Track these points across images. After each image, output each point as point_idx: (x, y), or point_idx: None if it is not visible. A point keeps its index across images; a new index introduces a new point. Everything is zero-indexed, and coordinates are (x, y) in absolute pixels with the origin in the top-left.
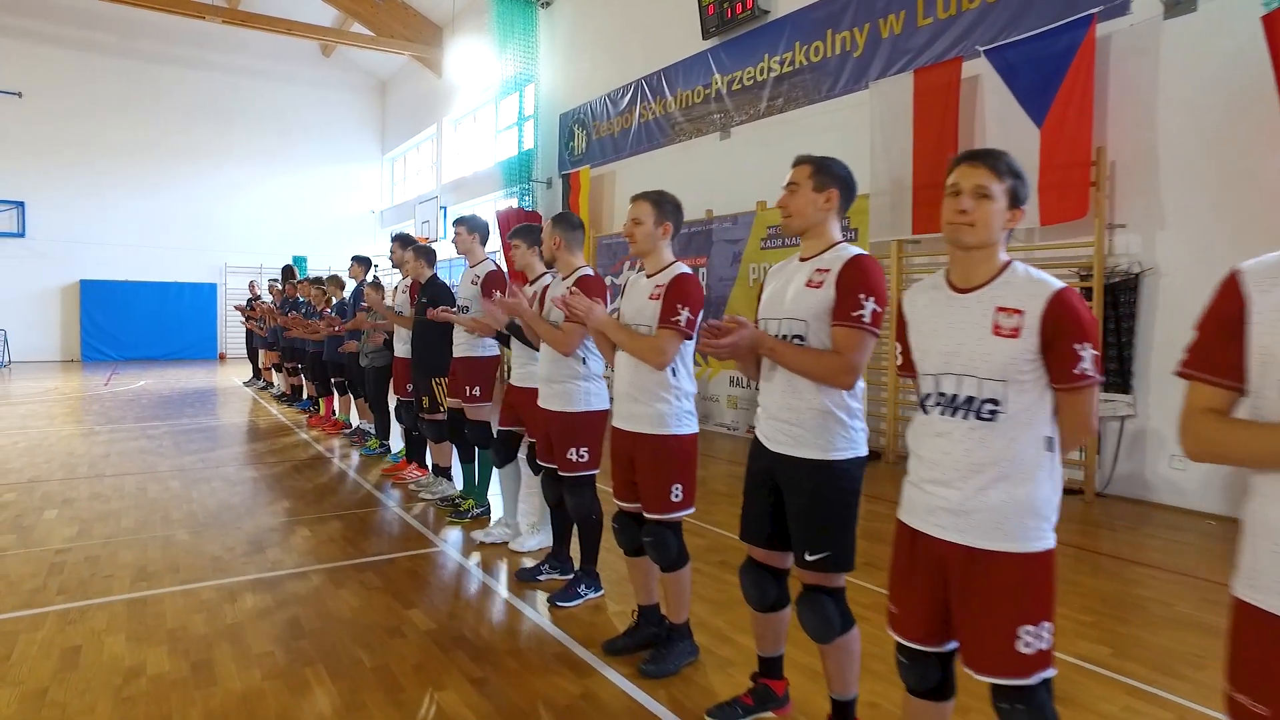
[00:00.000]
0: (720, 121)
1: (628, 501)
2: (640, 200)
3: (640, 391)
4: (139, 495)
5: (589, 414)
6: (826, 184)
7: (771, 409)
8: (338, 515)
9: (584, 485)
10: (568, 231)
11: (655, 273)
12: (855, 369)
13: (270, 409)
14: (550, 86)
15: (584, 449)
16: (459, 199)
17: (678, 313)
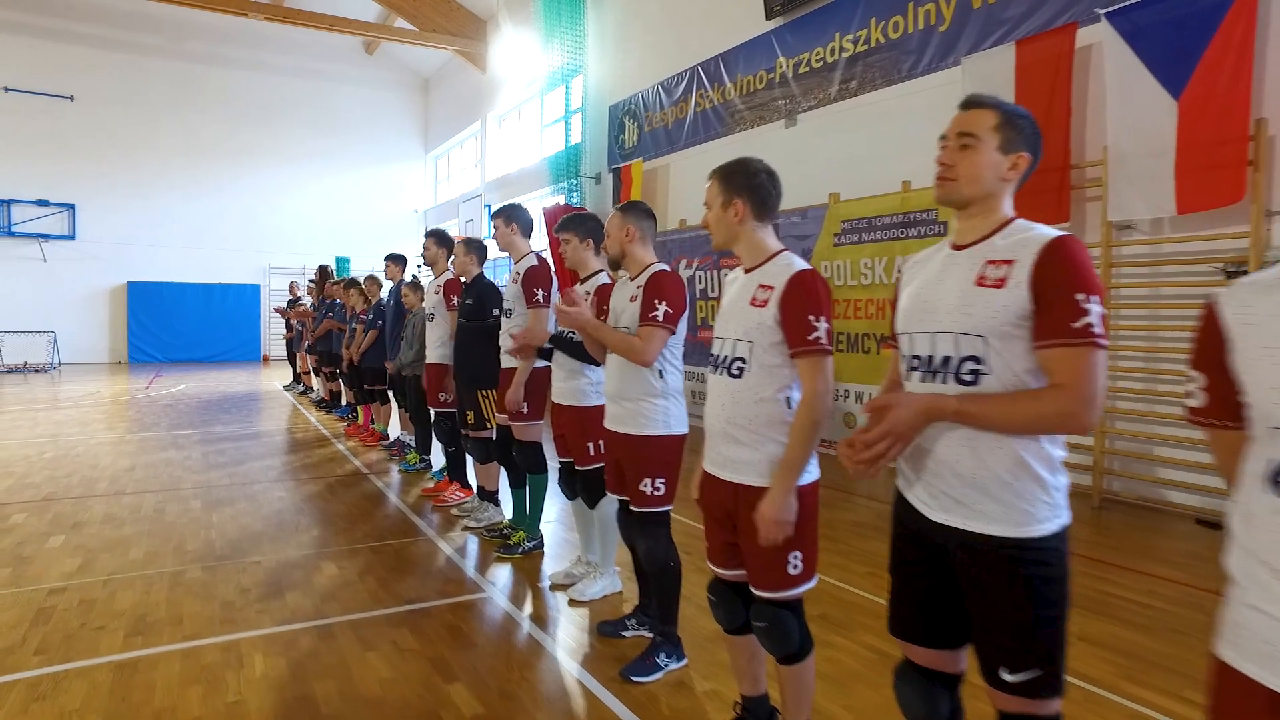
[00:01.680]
0: (785, 108)
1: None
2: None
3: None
4: (155, 519)
5: (668, 439)
6: (1015, 144)
7: (932, 465)
8: (370, 547)
9: (658, 524)
10: (641, 221)
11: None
12: (1092, 402)
13: (308, 416)
14: (599, 77)
15: (660, 480)
16: (503, 197)
17: (655, 308)
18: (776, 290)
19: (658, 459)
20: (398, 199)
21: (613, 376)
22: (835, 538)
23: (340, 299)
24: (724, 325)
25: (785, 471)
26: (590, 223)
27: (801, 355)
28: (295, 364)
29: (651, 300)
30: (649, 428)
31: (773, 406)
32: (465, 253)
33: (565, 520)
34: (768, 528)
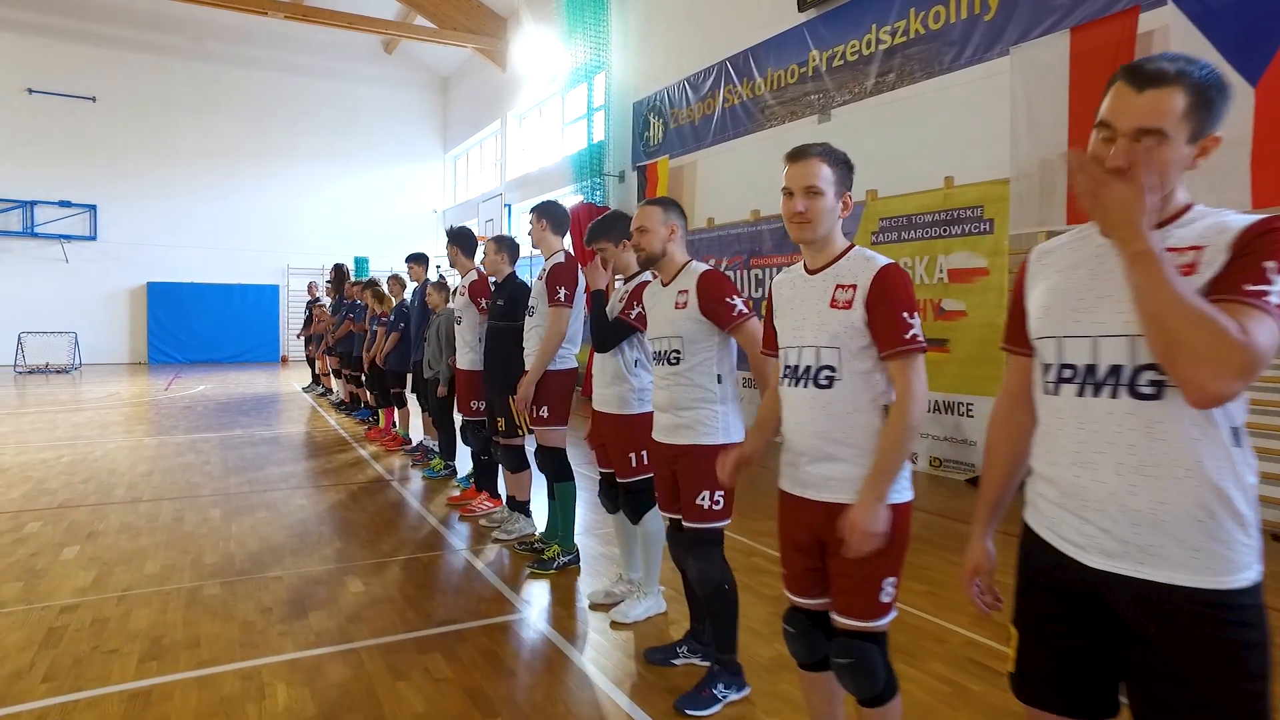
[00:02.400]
0: (818, 103)
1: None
2: None
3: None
4: (173, 528)
5: (729, 448)
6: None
7: (1091, 497)
8: (396, 560)
9: (712, 543)
10: (681, 218)
11: None
12: None
13: (328, 418)
14: (622, 74)
15: (719, 493)
16: (524, 196)
17: (732, 305)
18: (861, 289)
19: (713, 469)
20: (417, 199)
21: (663, 384)
22: None
23: (360, 299)
24: (799, 332)
25: (877, 478)
26: (620, 224)
27: (896, 356)
28: (314, 365)
29: (721, 300)
30: (707, 437)
31: (871, 415)
32: (496, 251)
33: (597, 532)
34: (857, 537)
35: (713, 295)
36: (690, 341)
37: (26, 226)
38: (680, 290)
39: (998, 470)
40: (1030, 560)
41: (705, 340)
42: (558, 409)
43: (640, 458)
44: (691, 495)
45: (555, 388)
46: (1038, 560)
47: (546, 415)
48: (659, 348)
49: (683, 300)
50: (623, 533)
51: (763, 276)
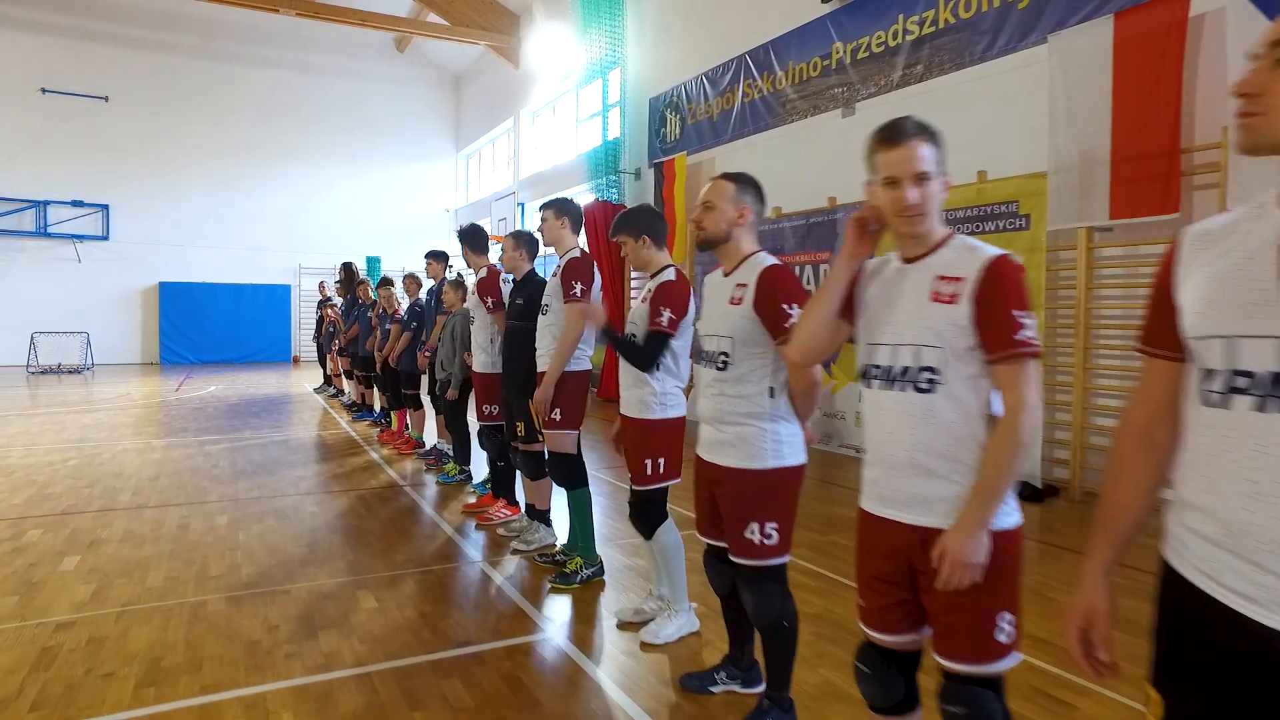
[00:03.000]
0: (842, 96)
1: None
2: None
3: None
4: (178, 536)
5: (783, 474)
6: None
7: (1273, 535)
8: (410, 573)
9: (770, 578)
10: (757, 200)
11: None
12: None
13: (339, 420)
14: (638, 69)
15: (772, 525)
16: (537, 194)
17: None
18: (969, 281)
19: (770, 499)
20: (429, 198)
21: (709, 395)
22: None
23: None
24: (886, 328)
25: (981, 500)
26: (642, 218)
27: (1006, 360)
28: (326, 365)
29: (779, 304)
30: (754, 459)
31: (977, 427)
32: (514, 247)
33: (621, 542)
34: (952, 568)
35: (771, 295)
36: (742, 344)
37: (40, 226)
38: (739, 284)
39: (1129, 495)
40: (1175, 610)
41: (759, 345)
42: (571, 412)
43: (656, 466)
44: (738, 527)
45: (569, 390)
46: (1184, 609)
47: (559, 418)
48: (709, 347)
49: (739, 295)
50: (649, 558)
51: None
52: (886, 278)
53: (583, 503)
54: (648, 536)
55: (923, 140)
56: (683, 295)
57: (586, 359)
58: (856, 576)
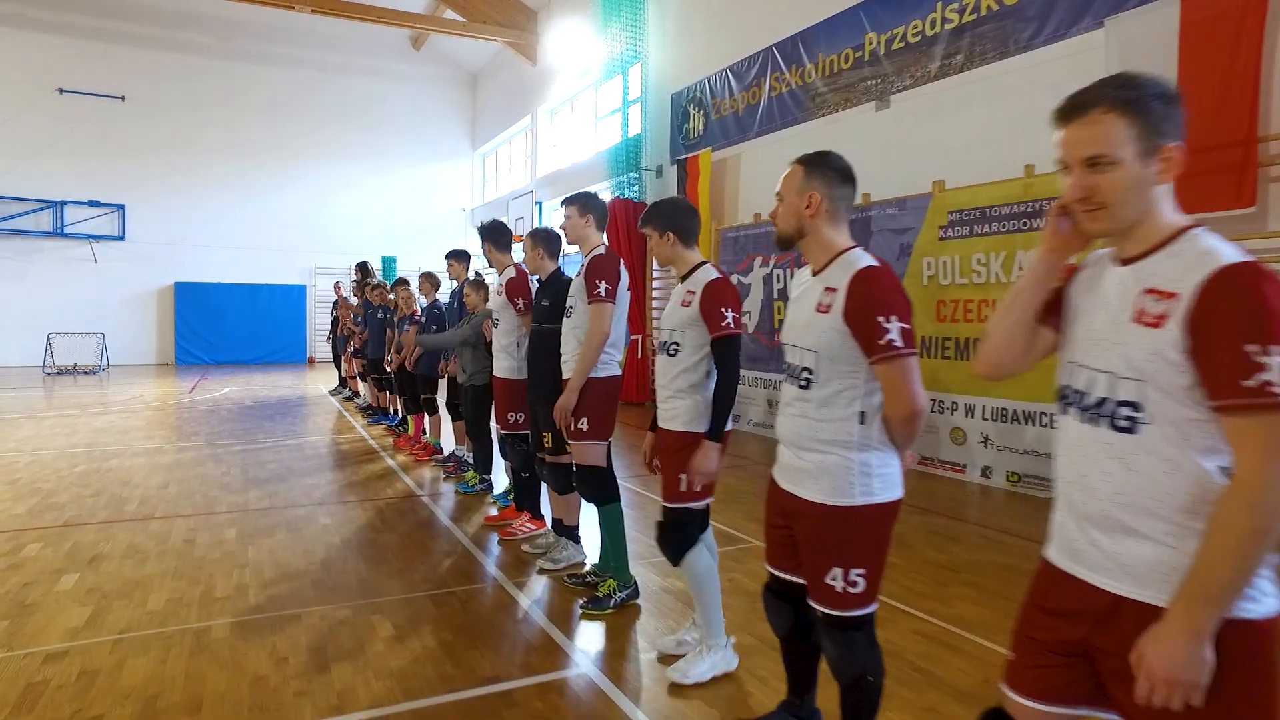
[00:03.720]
0: (876, 89)
1: None
2: None
3: None
4: (184, 552)
5: (872, 510)
6: None
7: None
8: (430, 595)
9: (853, 628)
10: (834, 185)
11: None
12: None
13: (354, 423)
14: (660, 64)
15: (858, 571)
16: (556, 193)
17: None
18: (1184, 298)
19: (857, 541)
20: (445, 197)
21: (789, 415)
22: (1001, 592)
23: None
24: (1094, 348)
25: (1195, 597)
26: (670, 211)
27: (1237, 411)
28: (341, 367)
29: (873, 316)
30: (839, 494)
31: (1197, 479)
32: (533, 246)
33: (654, 560)
34: (1160, 685)
35: (864, 304)
36: (829, 359)
37: (56, 227)
38: (827, 287)
39: None
40: None
41: (850, 362)
42: (599, 421)
43: (690, 484)
44: (819, 571)
45: (596, 397)
46: None
47: (586, 428)
48: (791, 359)
49: (827, 302)
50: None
51: None
52: (1097, 280)
53: (614, 519)
54: (675, 562)
55: (1109, 111)
56: (737, 293)
57: (615, 363)
58: (1017, 629)
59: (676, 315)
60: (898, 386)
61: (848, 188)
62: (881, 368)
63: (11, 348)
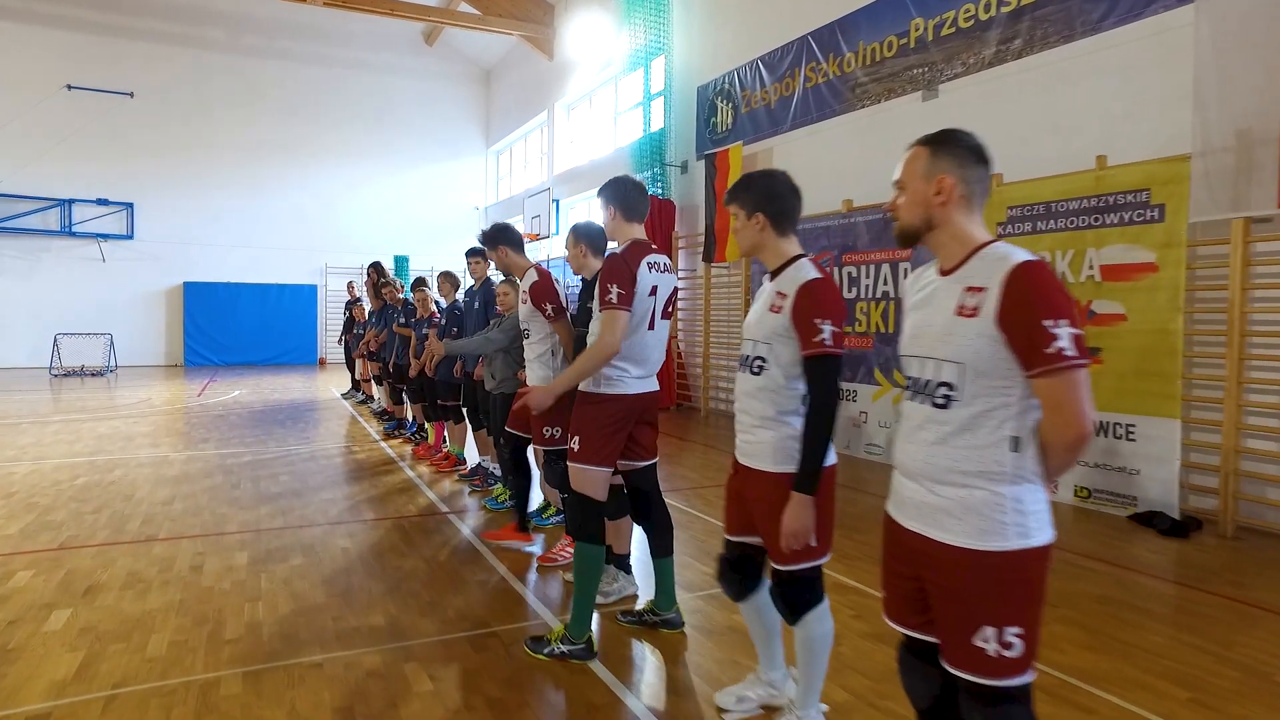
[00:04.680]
0: (923, 77)
1: None
2: None
3: None
4: (190, 581)
5: (1028, 556)
6: None
7: None
8: (469, 637)
9: (1012, 701)
10: (968, 167)
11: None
12: None
13: (369, 430)
14: (685, 56)
15: (1014, 631)
16: (573, 191)
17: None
18: None
19: (1012, 594)
20: (458, 196)
21: (919, 440)
22: None
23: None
24: None
25: None
26: (762, 185)
27: None
28: (354, 370)
29: (1038, 321)
30: (996, 536)
31: None
32: (575, 243)
33: (707, 593)
34: None
35: (1027, 305)
36: (977, 374)
37: (64, 225)
38: (969, 287)
39: None
40: None
41: (1002, 376)
42: (592, 444)
43: (787, 545)
44: (964, 630)
45: (592, 416)
46: None
47: (577, 448)
48: (919, 373)
49: (972, 304)
50: (756, 620)
51: (857, 274)
52: None
53: (588, 564)
54: (792, 622)
55: None
56: (841, 299)
57: (632, 382)
58: None
59: (764, 323)
60: (1065, 404)
61: (982, 169)
62: (1046, 381)
63: (19, 348)
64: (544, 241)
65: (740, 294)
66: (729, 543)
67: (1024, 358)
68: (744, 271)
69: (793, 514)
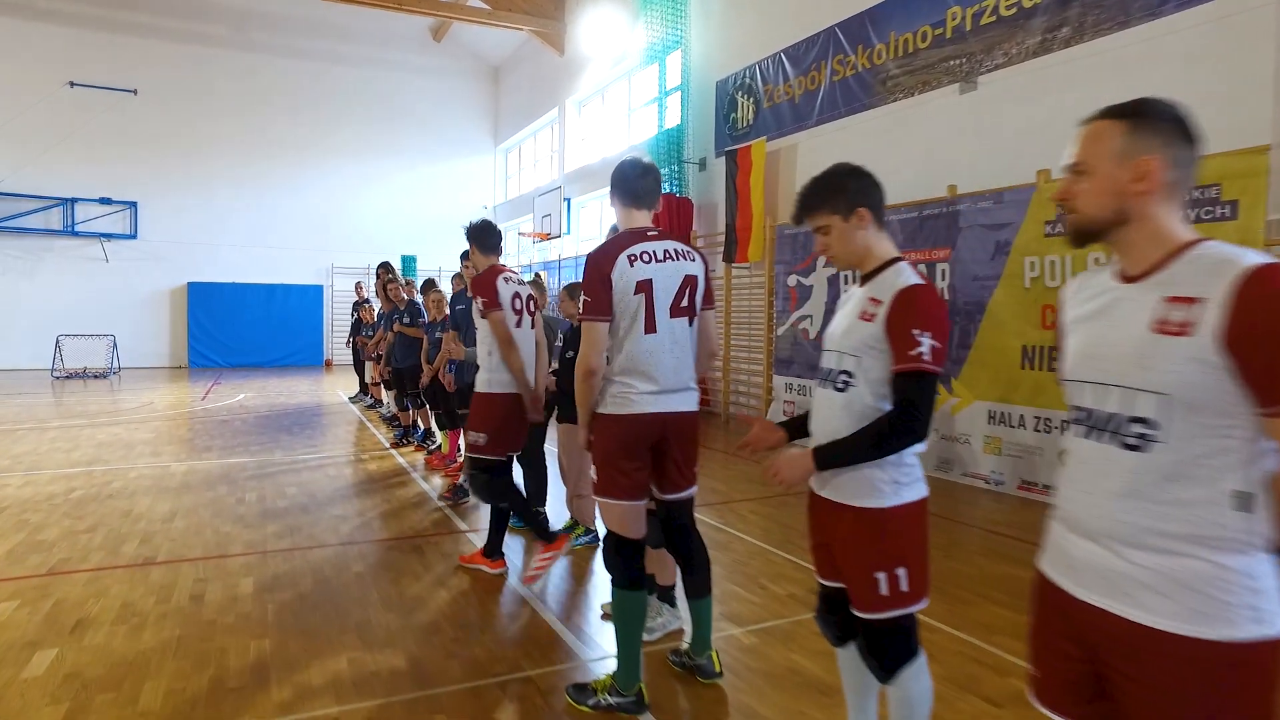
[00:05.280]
0: (961, 69)
1: None
2: None
3: None
4: (190, 613)
5: (1262, 650)
6: None
7: None
8: (501, 682)
9: None
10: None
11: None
12: None
13: (379, 437)
14: (703, 50)
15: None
16: (585, 188)
17: None
18: None
19: (1240, 698)
20: (466, 195)
21: (1101, 492)
22: None
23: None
24: None
25: None
26: (846, 179)
27: None
28: (363, 374)
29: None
30: (1219, 622)
31: None
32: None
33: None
34: None
35: (1266, 324)
36: (1187, 409)
37: (67, 225)
38: (1173, 297)
39: None
40: None
41: (1224, 413)
42: (607, 473)
43: (895, 582)
44: None
45: (599, 442)
46: None
47: (595, 478)
48: (1098, 404)
49: (1179, 319)
50: (853, 672)
51: None
52: None
53: (629, 612)
54: (884, 679)
55: None
56: (945, 310)
57: (641, 398)
58: None
59: (852, 334)
60: None
61: (1192, 150)
62: None
63: (21, 350)
64: (555, 241)
65: (763, 295)
66: (824, 585)
67: (1262, 391)
68: (766, 272)
69: (792, 462)
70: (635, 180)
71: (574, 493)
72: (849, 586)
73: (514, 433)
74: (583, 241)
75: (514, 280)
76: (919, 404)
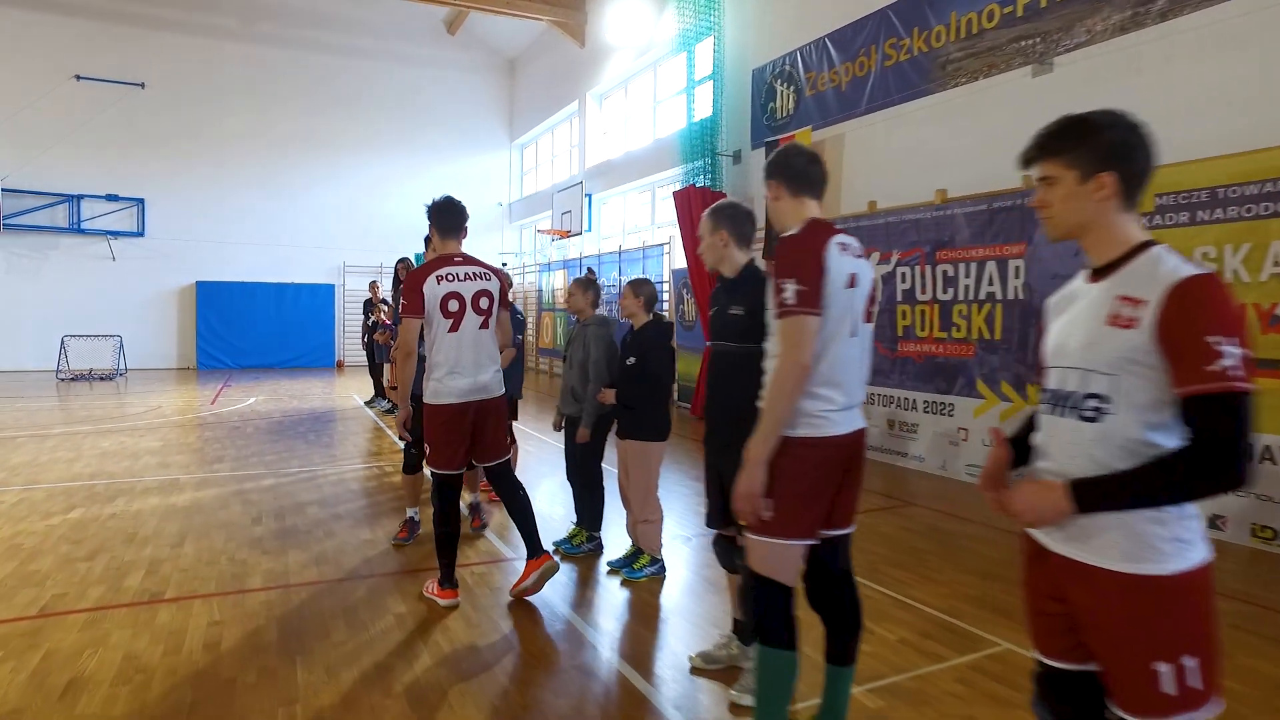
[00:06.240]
0: (1034, 50)
1: None
2: None
3: None
4: (204, 669)
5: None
6: None
7: None
8: None
9: None
10: None
11: None
12: None
13: (399, 444)
14: (738, 37)
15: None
16: (607, 185)
17: None
18: None
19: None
20: (480, 191)
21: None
22: None
23: None
24: None
25: None
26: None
27: None
28: (380, 376)
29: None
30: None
31: None
32: (713, 229)
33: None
34: None
35: None
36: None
37: (73, 222)
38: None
39: None
40: None
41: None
42: (789, 505)
43: (1183, 675)
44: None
45: (784, 471)
46: None
47: (770, 516)
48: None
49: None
50: None
51: (954, 274)
52: None
53: (778, 676)
54: None
55: None
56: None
57: (834, 417)
58: None
59: (1103, 345)
60: None
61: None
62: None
63: (25, 351)
64: (575, 239)
65: None
66: (1047, 666)
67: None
68: None
69: (1039, 497)
70: (808, 167)
71: (638, 518)
72: (1114, 680)
73: (454, 447)
74: (603, 239)
75: (457, 277)
76: (1234, 436)
